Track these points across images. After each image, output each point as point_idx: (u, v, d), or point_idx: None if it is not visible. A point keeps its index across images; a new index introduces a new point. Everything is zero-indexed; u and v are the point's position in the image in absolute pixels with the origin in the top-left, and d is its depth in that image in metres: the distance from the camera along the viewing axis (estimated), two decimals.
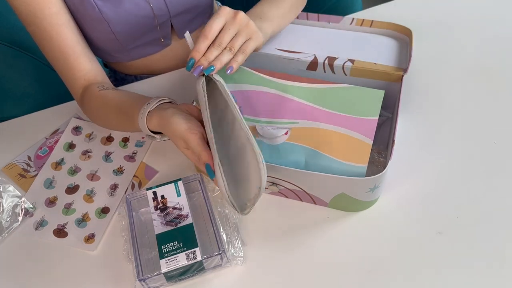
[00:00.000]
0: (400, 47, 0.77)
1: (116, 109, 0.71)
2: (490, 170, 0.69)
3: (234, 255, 0.63)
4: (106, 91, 0.74)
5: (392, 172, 0.68)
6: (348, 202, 0.64)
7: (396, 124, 0.65)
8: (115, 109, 0.71)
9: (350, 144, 0.63)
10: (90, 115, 0.78)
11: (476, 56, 0.85)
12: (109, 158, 0.77)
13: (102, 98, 0.73)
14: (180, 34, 0.89)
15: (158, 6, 0.80)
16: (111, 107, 0.72)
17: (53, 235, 0.69)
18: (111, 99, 0.72)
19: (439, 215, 0.65)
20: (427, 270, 0.60)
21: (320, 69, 0.76)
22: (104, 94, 0.73)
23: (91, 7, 0.74)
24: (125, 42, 0.83)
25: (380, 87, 0.72)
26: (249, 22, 0.64)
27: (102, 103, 0.73)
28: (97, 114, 0.75)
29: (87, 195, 0.73)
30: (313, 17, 0.83)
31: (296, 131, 0.65)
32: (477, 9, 0.94)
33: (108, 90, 0.74)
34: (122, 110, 0.70)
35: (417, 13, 0.94)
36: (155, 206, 0.65)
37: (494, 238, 0.62)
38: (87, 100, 0.75)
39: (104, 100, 0.73)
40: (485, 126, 0.74)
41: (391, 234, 0.64)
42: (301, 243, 0.64)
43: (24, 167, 0.78)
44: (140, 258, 0.61)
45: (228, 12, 0.63)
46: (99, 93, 0.73)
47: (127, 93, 0.74)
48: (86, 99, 0.75)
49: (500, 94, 0.79)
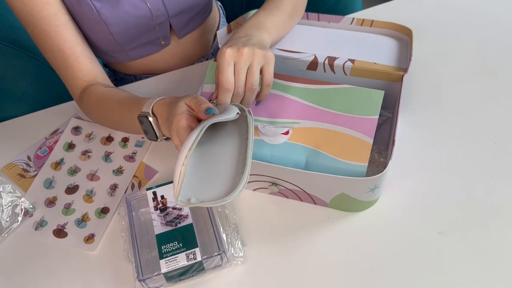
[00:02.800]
0: (400, 47, 0.77)
1: (120, 100, 0.71)
2: (490, 170, 0.69)
3: (234, 255, 0.63)
4: (111, 88, 0.74)
5: (392, 172, 0.68)
6: (348, 202, 0.64)
7: (396, 124, 0.65)
8: (117, 102, 0.71)
9: (350, 143, 0.63)
10: (89, 111, 0.77)
11: (476, 56, 0.85)
12: (109, 158, 0.77)
13: (107, 92, 0.73)
14: (179, 34, 0.89)
15: (156, 7, 0.80)
16: (116, 99, 0.71)
17: (52, 235, 0.69)
18: (116, 92, 0.72)
19: (439, 215, 0.65)
20: (427, 270, 0.60)
21: (320, 69, 0.75)
22: (109, 90, 0.73)
23: (88, 8, 0.74)
24: (124, 42, 0.83)
25: (380, 87, 0.72)
26: (254, 50, 0.62)
27: (103, 98, 0.72)
28: (98, 108, 0.74)
29: (87, 195, 0.73)
30: (313, 17, 0.83)
31: (297, 131, 0.65)
32: (477, 9, 0.94)
33: (113, 88, 0.75)
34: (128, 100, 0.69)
35: (417, 13, 0.94)
36: (155, 206, 0.65)
37: (494, 238, 0.62)
38: (87, 97, 0.74)
39: (109, 94, 0.72)
40: (485, 126, 0.74)
41: (391, 234, 0.64)
42: (301, 243, 0.64)
43: (23, 167, 0.78)
44: (140, 258, 0.61)
45: (232, 53, 0.61)
46: (104, 89, 0.73)
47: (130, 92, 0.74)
48: (87, 96, 0.74)
49: (500, 94, 0.79)
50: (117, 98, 0.71)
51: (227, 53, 0.61)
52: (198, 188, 0.51)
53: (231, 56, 0.61)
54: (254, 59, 0.62)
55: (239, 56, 0.61)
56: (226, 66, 0.61)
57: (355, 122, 0.64)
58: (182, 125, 0.55)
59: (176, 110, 0.57)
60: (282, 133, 0.65)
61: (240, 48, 0.61)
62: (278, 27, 0.74)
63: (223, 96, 0.61)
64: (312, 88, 0.68)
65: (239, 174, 0.51)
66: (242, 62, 0.61)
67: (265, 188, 0.68)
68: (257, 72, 0.62)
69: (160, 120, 0.62)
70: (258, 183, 0.68)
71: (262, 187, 0.68)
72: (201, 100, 0.56)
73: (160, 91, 0.87)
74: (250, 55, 0.61)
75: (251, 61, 0.62)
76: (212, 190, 0.51)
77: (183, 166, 0.50)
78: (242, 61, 0.61)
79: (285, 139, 0.65)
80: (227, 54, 0.61)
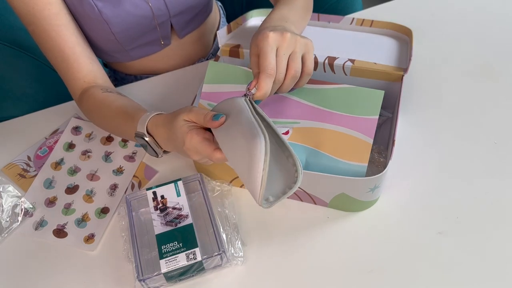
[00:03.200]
0: (400, 47, 0.77)
1: (116, 110, 0.70)
2: (490, 170, 0.69)
3: (234, 255, 0.63)
4: (109, 93, 0.73)
5: (392, 172, 0.68)
6: (348, 202, 0.64)
7: (396, 124, 0.65)
8: (115, 110, 0.70)
9: (350, 143, 0.63)
10: (88, 114, 0.77)
11: (476, 56, 0.85)
12: (109, 158, 0.77)
13: (104, 99, 0.72)
14: (180, 34, 0.89)
15: (158, 6, 0.80)
16: (112, 108, 0.71)
17: (52, 235, 0.69)
18: (113, 100, 0.72)
19: (439, 215, 0.65)
20: (427, 270, 0.60)
21: (320, 69, 0.75)
22: (107, 95, 0.72)
23: (90, 7, 0.74)
24: (125, 42, 0.83)
25: (380, 87, 0.72)
26: (296, 37, 0.59)
27: (103, 104, 0.72)
28: (96, 113, 0.75)
29: (86, 195, 0.73)
30: (313, 17, 0.83)
31: (297, 130, 0.65)
32: (477, 9, 0.94)
33: (112, 93, 0.73)
34: (123, 111, 0.69)
35: (417, 13, 0.94)
36: (155, 206, 0.65)
37: (494, 238, 0.62)
38: (86, 99, 0.74)
39: (106, 101, 0.72)
40: (485, 126, 0.74)
41: (391, 234, 0.64)
42: (301, 243, 0.64)
43: (23, 167, 0.78)
44: (140, 258, 0.61)
45: (275, 37, 0.58)
46: (102, 94, 0.73)
47: (130, 99, 0.73)
48: (86, 98, 0.74)
49: (500, 94, 0.79)
50: (113, 107, 0.70)
51: (270, 36, 0.57)
52: (267, 186, 0.51)
53: (275, 40, 0.58)
54: (297, 46, 0.59)
55: (282, 41, 0.58)
56: (270, 50, 0.57)
57: (355, 122, 0.64)
58: (197, 140, 0.54)
59: (180, 130, 0.56)
60: (282, 133, 0.65)
61: (283, 33, 0.58)
62: (299, 22, 0.72)
63: (265, 82, 0.56)
64: (312, 88, 0.68)
65: (283, 157, 0.51)
66: (285, 47, 0.58)
67: None
68: (299, 59, 0.59)
69: (158, 140, 0.62)
70: None
71: None
72: (199, 111, 0.55)
73: (160, 91, 0.87)
74: (293, 42, 0.59)
75: (294, 48, 0.59)
76: (276, 182, 0.52)
77: (263, 171, 0.49)
78: (285, 46, 0.58)
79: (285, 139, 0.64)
80: (271, 38, 0.57)
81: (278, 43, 0.58)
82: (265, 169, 0.49)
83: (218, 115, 0.54)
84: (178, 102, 0.82)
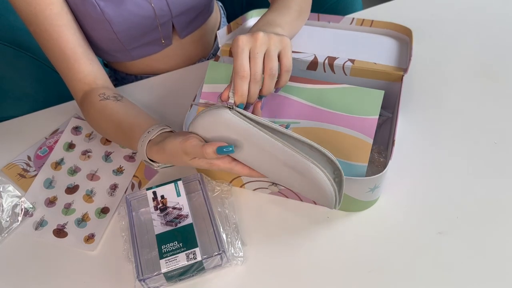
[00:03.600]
0: (400, 47, 0.77)
1: (115, 126, 0.69)
2: (490, 170, 0.69)
3: (234, 255, 0.63)
4: (107, 102, 0.71)
5: (392, 172, 0.68)
6: (348, 202, 0.64)
7: (396, 124, 0.65)
8: (114, 126, 0.69)
9: (350, 143, 0.63)
10: (90, 122, 0.76)
11: (476, 56, 0.85)
12: (109, 158, 0.77)
13: (102, 110, 0.71)
14: (181, 34, 0.89)
15: (160, 6, 0.80)
16: (111, 122, 0.70)
17: (53, 235, 0.69)
18: (110, 114, 0.70)
19: (439, 215, 0.65)
20: (427, 270, 0.60)
21: (320, 69, 0.76)
22: (104, 106, 0.71)
23: (92, 7, 0.74)
24: (126, 42, 0.83)
25: (380, 87, 0.72)
26: (270, 35, 0.58)
27: (101, 115, 0.71)
28: (96, 124, 0.74)
29: (87, 195, 0.73)
30: (313, 17, 0.83)
31: (297, 130, 0.65)
32: (478, 9, 0.94)
33: (109, 100, 0.72)
34: (121, 129, 0.68)
35: (417, 13, 0.94)
36: (155, 206, 0.65)
37: (494, 238, 0.62)
38: (86, 107, 0.74)
39: (104, 112, 0.71)
40: (485, 126, 0.74)
41: (391, 234, 0.64)
42: (301, 243, 0.64)
43: (23, 167, 0.78)
44: (140, 258, 0.61)
45: (247, 39, 0.57)
46: (100, 103, 0.71)
47: (127, 109, 0.71)
48: (86, 106, 0.74)
49: (500, 94, 0.79)
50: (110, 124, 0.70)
51: (239, 39, 0.57)
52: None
53: (245, 42, 0.57)
54: (271, 44, 0.58)
55: (253, 41, 0.57)
56: (240, 52, 0.56)
57: (355, 122, 0.64)
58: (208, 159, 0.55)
59: (185, 161, 0.57)
60: None
61: (254, 34, 0.58)
62: (289, 25, 0.72)
63: (239, 85, 0.56)
64: (312, 88, 0.68)
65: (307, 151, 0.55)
66: (257, 46, 0.57)
67: (265, 188, 0.68)
68: (275, 57, 0.58)
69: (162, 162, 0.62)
70: (258, 183, 0.68)
71: (262, 187, 0.68)
72: (196, 146, 0.54)
73: (160, 91, 0.87)
74: (265, 40, 0.58)
75: (268, 46, 0.58)
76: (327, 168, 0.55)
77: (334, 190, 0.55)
78: (258, 45, 0.57)
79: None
80: (240, 40, 0.57)
81: (250, 43, 0.57)
82: (333, 185, 0.54)
83: (221, 148, 0.52)
84: (178, 102, 0.82)
